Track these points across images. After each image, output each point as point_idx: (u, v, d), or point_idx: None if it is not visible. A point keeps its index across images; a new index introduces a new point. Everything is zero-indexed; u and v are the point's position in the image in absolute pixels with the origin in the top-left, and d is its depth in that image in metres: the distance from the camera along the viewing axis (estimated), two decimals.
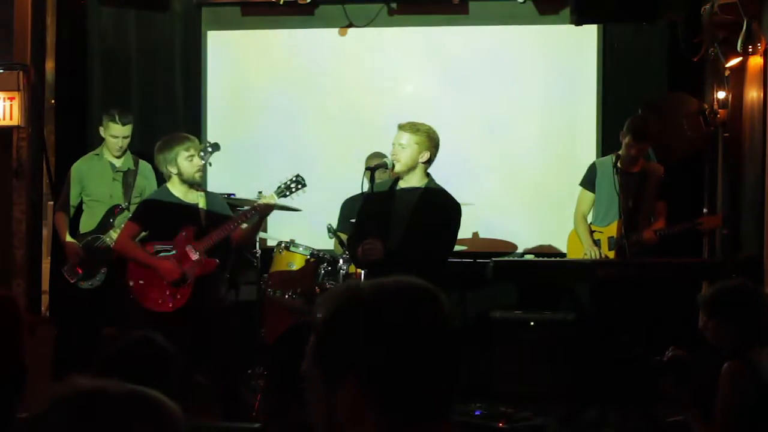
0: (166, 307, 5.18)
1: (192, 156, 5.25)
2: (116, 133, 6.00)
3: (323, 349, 1.37)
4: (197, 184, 5.34)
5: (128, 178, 6.08)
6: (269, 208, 5.36)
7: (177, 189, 5.30)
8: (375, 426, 1.33)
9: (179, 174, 5.25)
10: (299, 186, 5.35)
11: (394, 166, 4.87)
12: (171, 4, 7.07)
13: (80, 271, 5.98)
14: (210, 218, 5.30)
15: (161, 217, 5.29)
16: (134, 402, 1.24)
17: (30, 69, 6.42)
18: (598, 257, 5.81)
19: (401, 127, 4.90)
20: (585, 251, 5.90)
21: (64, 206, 6.14)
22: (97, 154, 6.16)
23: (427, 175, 4.92)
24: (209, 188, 6.40)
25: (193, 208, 5.31)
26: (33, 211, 6.57)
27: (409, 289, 1.40)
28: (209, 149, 5.64)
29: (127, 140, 6.06)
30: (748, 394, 3.19)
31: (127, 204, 6.01)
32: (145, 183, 6.11)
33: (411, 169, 4.86)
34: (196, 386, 5.10)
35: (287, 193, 5.36)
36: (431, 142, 4.86)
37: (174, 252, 5.23)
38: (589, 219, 6.06)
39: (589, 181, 6.04)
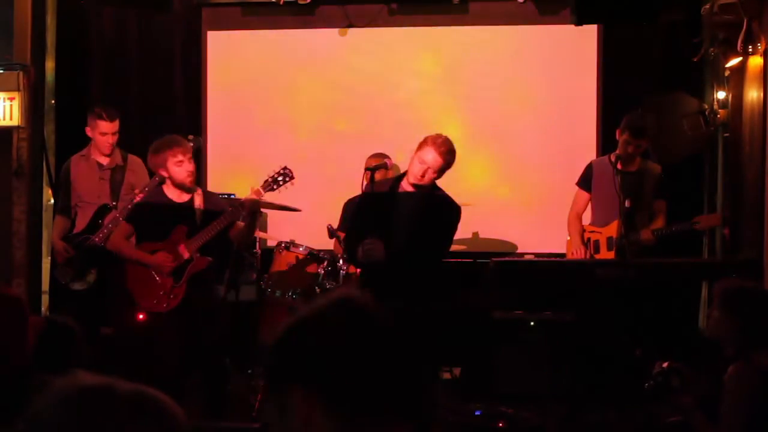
0: (161, 307, 5.15)
1: (181, 161, 5.12)
2: (105, 129, 5.90)
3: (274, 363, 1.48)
4: (188, 188, 5.22)
5: (116, 176, 5.99)
6: (256, 203, 5.15)
7: (171, 191, 5.22)
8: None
9: (170, 178, 5.17)
10: (286, 179, 5.16)
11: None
12: (171, 4, 7.06)
13: (71, 271, 5.93)
14: (205, 218, 5.21)
15: (153, 218, 5.23)
16: (139, 400, 1.23)
17: (30, 69, 6.42)
18: (582, 258, 5.81)
19: (436, 145, 4.76)
20: (571, 250, 5.92)
21: (62, 209, 6.09)
22: (84, 155, 6.06)
23: None
24: (209, 188, 6.39)
25: (187, 208, 5.21)
26: (33, 211, 6.57)
27: (341, 307, 1.47)
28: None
29: (116, 136, 5.96)
30: (754, 395, 3.20)
31: (114, 203, 5.91)
32: (135, 178, 6.01)
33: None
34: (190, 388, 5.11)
35: (274, 187, 5.18)
36: (448, 169, 4.84)
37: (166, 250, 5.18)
38: (587, 219, 6.07)
39: (585, 181, 6.04)
